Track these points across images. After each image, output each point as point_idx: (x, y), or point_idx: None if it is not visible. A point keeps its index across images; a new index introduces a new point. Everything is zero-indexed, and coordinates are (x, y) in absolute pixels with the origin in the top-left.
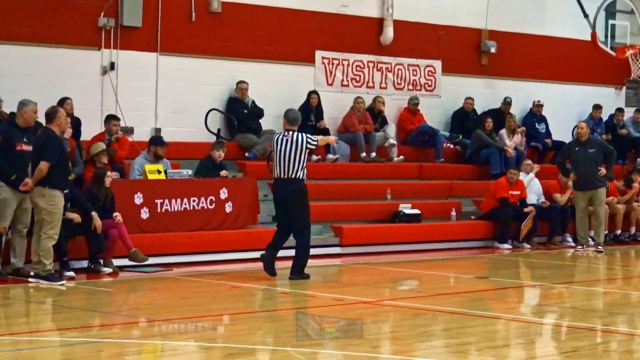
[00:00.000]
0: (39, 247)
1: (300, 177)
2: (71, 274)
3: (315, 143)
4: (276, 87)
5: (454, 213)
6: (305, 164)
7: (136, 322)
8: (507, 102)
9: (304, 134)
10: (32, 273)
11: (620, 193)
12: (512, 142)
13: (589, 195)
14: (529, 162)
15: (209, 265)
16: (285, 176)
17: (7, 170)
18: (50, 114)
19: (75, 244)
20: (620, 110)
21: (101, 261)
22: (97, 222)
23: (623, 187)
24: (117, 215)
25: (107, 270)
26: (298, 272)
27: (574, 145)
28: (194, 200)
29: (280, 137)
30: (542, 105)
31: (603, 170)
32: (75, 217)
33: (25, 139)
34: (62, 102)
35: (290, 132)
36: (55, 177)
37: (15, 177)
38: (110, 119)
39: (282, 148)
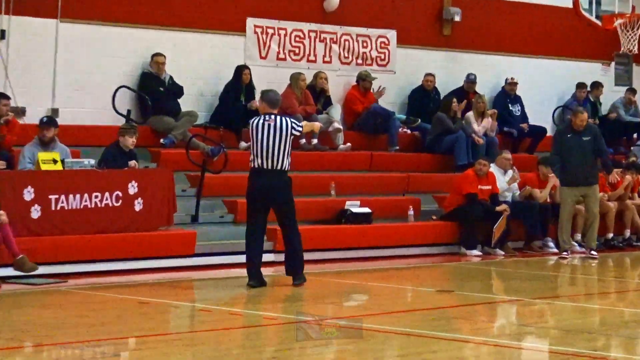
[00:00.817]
0: None
1: (286, 168)
2: None
3: (300, 129)
4: (199, 60)
5: (411, 212)
6: (290, 153)
7: (20, 347)
8: (470, 80)
9: (288, 119)
10: None
11: (610, 187)
12: (480, 127)
13: (581, 192)
14: (508, 156)
15: (113, 276)
16: (269, 167)
17: None
18: None
19: None
20: (596, 86)
21: None
22: None
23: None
24: (2, 215)
25: None
26: (302, 274)
27: (564, 132)
28: (96, 196)
29: (260, 122)
30: (516, 84)
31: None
32: None
33: None
34: None
35: (272, 117)
36: None
37: None
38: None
39: (264, 135)
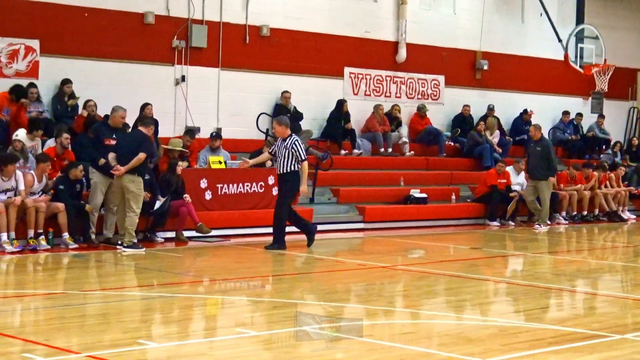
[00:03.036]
0: (126, 221)
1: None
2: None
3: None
4: (313, 96)
5: (454, 197)
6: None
7: (201, 281)
8: (490, 108)
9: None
10: (119, 242)
11: (586, 181)
12: (493, 138)
13: (535, 184)
14: (522, 166)
15: (258, 237)
16: None
17: (98, 158)
18: (144, 120)
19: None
20: (579, 115)
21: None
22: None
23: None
24: (187, 197)
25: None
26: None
27: (529, 141)
28: (247, 185)
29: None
30: (530, 114)
31: (552, 180)
32: (145, 195)
33: (113, 136)
34: (144, 107)
35: None
36: (141, 167)
37: (103, 162)
38: (187, 134)
39: None
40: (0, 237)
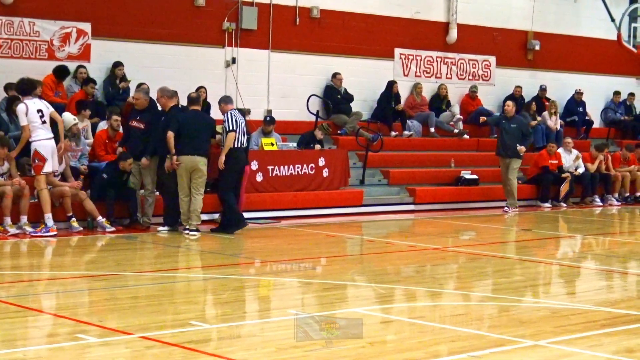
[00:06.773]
0: (195, 204)
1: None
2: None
3: None
4: (363, 77)
5: None
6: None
7: (252, 262)
8: (542, 89)
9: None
10: (185, 228)
11: (639, 162)
12: (551, 121)
13: (507, 162)
14: (569, 140)
15: (309, 219)
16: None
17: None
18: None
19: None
20: (631, 95)
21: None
22: None
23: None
24: None
25: None
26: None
27: (501, 118)
28: (298, 167)
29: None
30: (582, 93)
31: (522, 148)
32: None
33: (138, 118)
34: (198, 89)
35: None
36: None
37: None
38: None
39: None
40: (21, 220)
